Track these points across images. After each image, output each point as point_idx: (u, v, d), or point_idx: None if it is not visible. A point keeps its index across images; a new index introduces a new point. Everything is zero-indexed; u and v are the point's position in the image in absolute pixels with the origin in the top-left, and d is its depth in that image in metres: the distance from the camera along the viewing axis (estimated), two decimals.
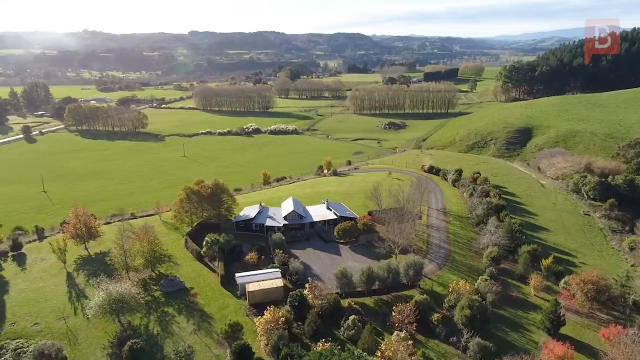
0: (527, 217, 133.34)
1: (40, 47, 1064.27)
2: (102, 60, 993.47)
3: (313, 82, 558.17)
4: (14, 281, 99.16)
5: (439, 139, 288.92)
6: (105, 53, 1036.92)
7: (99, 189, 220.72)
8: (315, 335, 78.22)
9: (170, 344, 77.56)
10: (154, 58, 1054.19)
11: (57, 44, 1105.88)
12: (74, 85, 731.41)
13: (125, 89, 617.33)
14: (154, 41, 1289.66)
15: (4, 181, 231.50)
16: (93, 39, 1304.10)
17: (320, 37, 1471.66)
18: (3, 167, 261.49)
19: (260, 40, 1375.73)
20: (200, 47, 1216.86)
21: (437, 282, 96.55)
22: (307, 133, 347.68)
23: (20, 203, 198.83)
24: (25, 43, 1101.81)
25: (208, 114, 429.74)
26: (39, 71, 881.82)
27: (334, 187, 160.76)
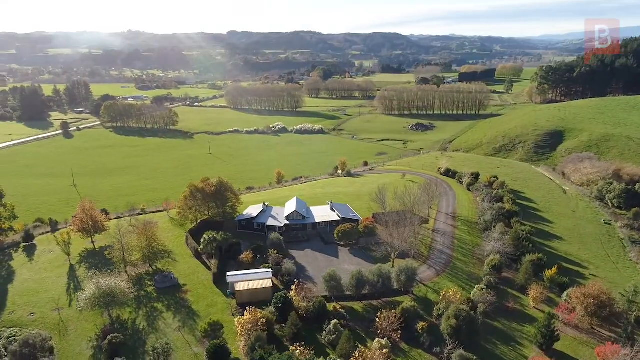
0: (540, 224, 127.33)
1: (87, 47, 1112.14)
2: (143, 60, 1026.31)
3: (344, 82, 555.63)
4: (20, 271, 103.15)
5: (466, 141, 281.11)
6: (147, 52, 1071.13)
7: (125, 184, 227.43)
8: (296, 338, 77.10)
9: (153, 340, 78.40)
10: (192, 57, 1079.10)
11: (103, 43, 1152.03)
12: (116, 83, 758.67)
13: (162, 87, 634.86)
14: (194, 41, 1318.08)
15: (39, 174, 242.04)
16: (136, 38, 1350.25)
17: (357, 37, 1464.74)
18: (40, 161, 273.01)
19: (296, 40, 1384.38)
20: (238, 47, 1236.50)
21: (432, 289, 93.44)
22: (332, 133, 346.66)
23: (51, 196, 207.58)
24: (73, 43, 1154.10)
25: (238, 113, 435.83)
26: (85, 70, 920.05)
27: (344, 188, 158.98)
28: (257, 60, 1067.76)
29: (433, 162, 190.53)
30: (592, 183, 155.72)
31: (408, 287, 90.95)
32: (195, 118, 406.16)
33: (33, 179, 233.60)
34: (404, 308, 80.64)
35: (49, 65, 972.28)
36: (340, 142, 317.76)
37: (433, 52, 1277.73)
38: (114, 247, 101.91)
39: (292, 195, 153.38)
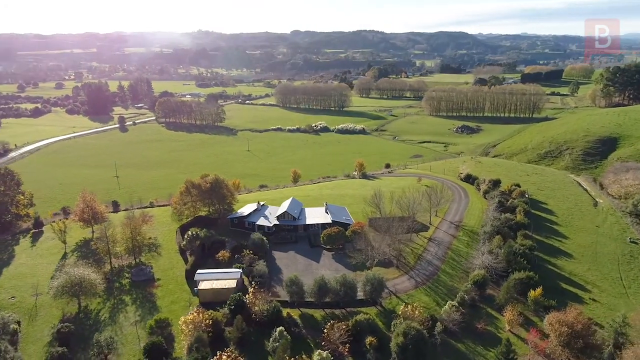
0: (552, 238, 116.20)
1: (159, 46, 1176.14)
2: (209, 58, 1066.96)
3: (395, 81, 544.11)
4: (19, 256, 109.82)
5: (510, 146, 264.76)
6: (213, 51, 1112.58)
7: (162, 177, 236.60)
8: (242, 342, 75.59)
9: (108, 332, 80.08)
10: (255, 56, 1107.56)
11: (174, 42, 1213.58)
12: (182, 80, 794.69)
13: (220, 85, 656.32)
14: (258, 40, 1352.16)
15: (88, 165, 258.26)
16: (205, 38, 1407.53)
17: (420, 35, 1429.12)
18: (92, 152, 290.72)
19: (358, 39, 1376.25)
20: (300, 46, 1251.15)
21: (404, 302, 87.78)
22: (374, 133, 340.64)
23: (93, 185, 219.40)
24: (147, 42, 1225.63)
25: (285, 111, 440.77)
26: (155, 67, 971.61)
27: (354, 190, 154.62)
28: (317, 59, 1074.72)
29: (459, 166, 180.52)
30: (630, 196, 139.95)
31: (376, 297, 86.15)
32: (243, 115, 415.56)
33: (82, 169, 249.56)
34: (357, 320, 76.26)
35: (124, 63, 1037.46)
36: (378, 142, 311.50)
37: (501, 51, 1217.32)
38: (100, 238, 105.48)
39: (299, 195, 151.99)
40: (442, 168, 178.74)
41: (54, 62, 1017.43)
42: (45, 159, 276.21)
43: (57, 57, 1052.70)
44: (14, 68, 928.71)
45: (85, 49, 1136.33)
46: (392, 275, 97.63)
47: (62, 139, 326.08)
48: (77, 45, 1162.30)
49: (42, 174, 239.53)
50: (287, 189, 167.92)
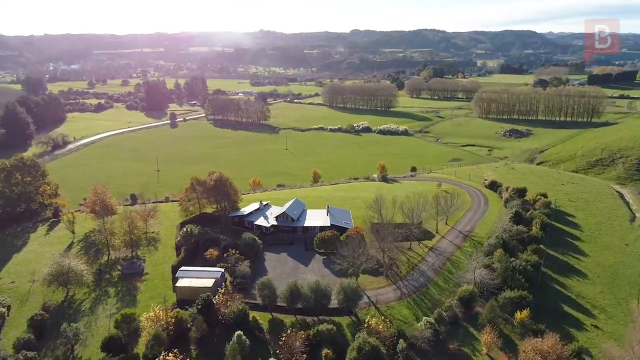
0: (569, 255, 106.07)
1: (221, 46, 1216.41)
2: (268, 57, 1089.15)
3: (447, 82, 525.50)
4: (31, 243, 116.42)
5: (558, 152, 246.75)
6: (272, 51, 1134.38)
7: (199, 172, 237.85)
8: (203, 343, 75.07)
9: (84, 322, 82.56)
10: (312, 56, 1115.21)
11: (235, 42, 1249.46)
12: (240, 79, 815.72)
13: (273, 84, 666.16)
14: (317, 40, 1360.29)
15: (134, 158, 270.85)
16: (265, 37, 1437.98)
17: (484, 34, 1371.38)
18: (141, 146, 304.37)
19: (418, 38, 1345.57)
20: (358, 46, 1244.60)
21: (383, 314, 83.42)
22: (417, 135, 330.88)
23: (135, 178, 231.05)
24: (210, 42, 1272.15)
25: (332, 110, 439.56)
26: (216, 66, 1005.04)
27: (368, 193, 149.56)
28: (374, 58, 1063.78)
29: (489, 172, 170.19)
30: None
31: (351, 307, 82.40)
32: (288, 114, 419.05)
33: (128, 162, 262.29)
34: (318, 330, 73.18)
35: (188, 62, 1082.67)
36: (419, 144, 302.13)
37: (572, 51, 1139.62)
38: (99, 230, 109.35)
39: (311, 195, 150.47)
40: (467, 173, 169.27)
41: (125, 61, 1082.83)
42: (98, 151, 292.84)
43: (128, 55, 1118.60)
44: (90, 66, 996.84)
45: (154, 48, 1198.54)
46: (378, 284, 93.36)
47: (116, 133, 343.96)
48: (147, 45, 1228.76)
49: (92, 166, 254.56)
50: (303, 189, 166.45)
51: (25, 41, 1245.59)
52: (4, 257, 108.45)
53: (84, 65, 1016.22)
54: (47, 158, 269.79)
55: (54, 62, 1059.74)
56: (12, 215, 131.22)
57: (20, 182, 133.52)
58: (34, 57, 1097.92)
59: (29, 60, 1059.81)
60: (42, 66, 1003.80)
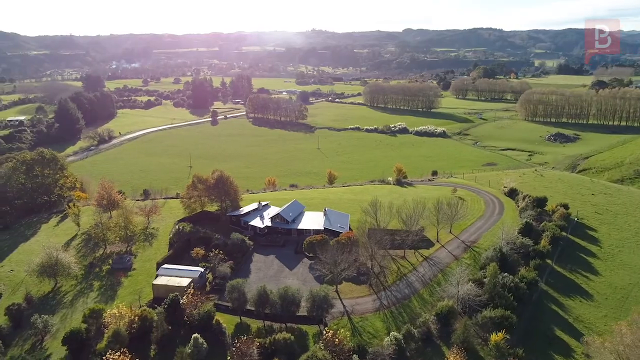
0: (577, 273, 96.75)
1: (273, 45, 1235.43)
2: (318, 57, 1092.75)
3: (495, 82, 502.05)
4: (40, 233, 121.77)
5: (605, 159, 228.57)
6: (322, 50, 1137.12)
7: (230, 169, 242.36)
8: (164, 343, 74.61)
9: (61, 315, 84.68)
10: (362, 55, 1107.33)
11: (287, 41, 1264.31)
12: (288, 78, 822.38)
13: (318, 83, 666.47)
14: (368, 39, 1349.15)
15: (170, 154, 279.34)
16: (316, 37, 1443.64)
17: (544, 33, 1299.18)
18: (179, 142, 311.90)
19: (472, 37, 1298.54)
20: (410, 45, 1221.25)
21: (354, 325, 79.51)
22: (455, 137, 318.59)
23: (167, 173, 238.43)
24: (263, 41, 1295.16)
25: (371, 110, 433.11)
26: (266, 65, 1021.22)
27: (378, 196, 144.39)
28: (425, 58, 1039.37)
29: (513, 178, 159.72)
30: None
31: (320, 315, 79.08)
32: (327, 113, 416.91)
33: (164, 157, 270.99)
34: (274, 339, 70.58)
35: (240, 61, 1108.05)
36: (455, 147, 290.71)
37: None
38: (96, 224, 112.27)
39: (319, 197, 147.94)
40: (488, 179, 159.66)
41: (181, 60, 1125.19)
42: (139, 146, 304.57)
43: (184, 55, 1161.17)
44: (149, 65, 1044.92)
45: (209, 47, 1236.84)
46: (359, 293, 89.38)
47: (158, 129, 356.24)
48: (202, 44, 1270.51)
49: (129, 160, 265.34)
50: (313, 190, 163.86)
51: (93, 41, 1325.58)
52: (12, 246, 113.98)
53: (144, 63, 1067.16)
54: (92, 152, 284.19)
55: (116, 61, 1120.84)
56: (31, 206, 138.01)
57: (40, 174, 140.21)
58: (100, 56, 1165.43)
59: (95, 58, 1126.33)
60: (106, 64, 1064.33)
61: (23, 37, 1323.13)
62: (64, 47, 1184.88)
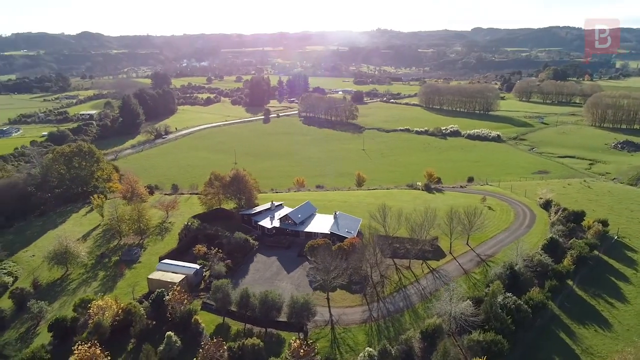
0: (600, 299, 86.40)
1: (336, 44, 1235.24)
2: (381, 56, 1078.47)
3: (562, 85, 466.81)
4: (68, 222, 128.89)
5: None
6: (386, 49, 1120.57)
7: (271, 167, 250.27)
8: (143, 338, 75.43)
9: (63, 300, 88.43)
10: (426, 55, 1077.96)
11: (351, 41, 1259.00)
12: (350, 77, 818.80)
13: (376, 83, 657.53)
14: (434, 38, 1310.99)
15: (219, 150, 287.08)
16: (381, 36, 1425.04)
17: (629, 32, 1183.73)
18: (228, 139, 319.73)
19: (547, 36, 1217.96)
20: (478, 44, 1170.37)
21: (336, 336, 76.05)
22: (509, 142, 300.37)
23: (211, 169, 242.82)
24: (327, 41, 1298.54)
25: (424, 112, 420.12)
26: (328, 64, 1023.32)
27: (401, 202, 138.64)
28: (493, 58, 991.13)
29: (553, 188, 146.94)
30: None
31: (300, 322, 76.40)
32: (378, 114, 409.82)
33: (213, 153, 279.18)
34: (243, 344, 68.85)
35: (304, 60, 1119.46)
36: (507, 152, 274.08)
37: None
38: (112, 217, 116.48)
39: (341, 199, 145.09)
40: (525, 189, 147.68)
41: (247, 59, 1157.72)
42: (191, 142, 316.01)
43: (250, 54, 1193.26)
44: (216, 63, 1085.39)
45: (274, 47, 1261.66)
46: (350, 302, 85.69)
47: (212, 126, 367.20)
48: (268, 44, 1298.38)
49: (179, 155, 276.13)
50: (336, 192, 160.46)
51: (167, 40, 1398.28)
52: (41, 232, 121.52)
53: (212, 62, 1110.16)
54: (148, 146, 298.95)
55: (187, 59, 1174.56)
56: (68, 195, 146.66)
57: (78, 166, 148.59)
58: (172, 55, 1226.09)
59: (167, 57, 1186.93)
60: (177, 63, 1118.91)
61: (106, 37, 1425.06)
62: (141, 46, 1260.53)
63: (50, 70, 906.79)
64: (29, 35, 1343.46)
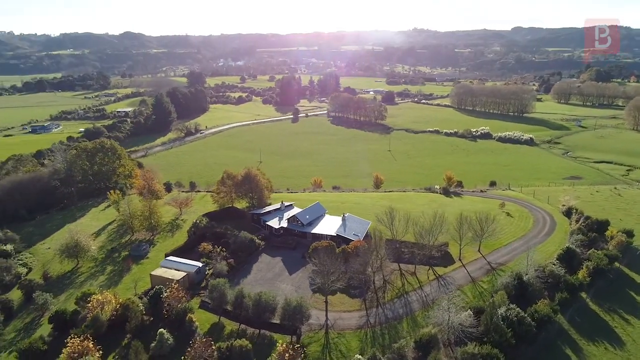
0: (615, 314, 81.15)
1: (371, 44, 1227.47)
2: (416, 56, 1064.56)
3: (604, 87, 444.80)
4: (87, 216, 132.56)
5: None
6: (421, 49, 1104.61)
7: (294, 167, 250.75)
8: (138, 333, 76.18)
9: (70, 292, 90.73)
10: (463, 55, 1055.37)
11: (386, 41, 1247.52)
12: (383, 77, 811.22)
13: (409, 83, 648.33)
14: (472, 38, 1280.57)
15: (246, 149, 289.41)
16: (417, 36, 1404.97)
17: None
18: (256, 138, 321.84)
19: None
20: (518, 44, 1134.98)
21: (329, 341, 74.55)
22: (543, 145, 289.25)
23: (236, 167, 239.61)
24: (362, 40, 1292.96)
25: (456, 113, 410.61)
26: (362, 64, 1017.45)
27: (413, 205, 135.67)
28: (533, 58, 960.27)
29: (580, 195, 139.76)
30: None
31: (293, 325, 75.33)
32: (408, 114, 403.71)
33: (239, 152, 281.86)
34: (231, 345, 68.36)
35: (338, 60, 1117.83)
36: (539, 156, 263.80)
37: None
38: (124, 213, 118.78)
39: (354, 201, 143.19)
40: (547, 195, 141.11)
41: (282, 58, 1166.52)
42: (219, 140, 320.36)
43: (285, 53, 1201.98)
44: (252, 63, 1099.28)
45: (309, 46, 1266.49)
46: (349, 306, 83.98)
47: (241, 125, 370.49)
48: (303, 44, 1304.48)
49: (206, 153, 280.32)
50: (353, 193, 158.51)
51: (205, 40, 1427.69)
52: (60, 225, 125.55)
53: (247, 62, 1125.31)
54: (177, 143, 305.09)
55: (224, 59, 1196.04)
56: (90, 190, 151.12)
57: (100, 162, 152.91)
58: (209, 54, 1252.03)
59: (205, 56, 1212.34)
60: (214, 62, 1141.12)
61: (147, 37, 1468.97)
62: (179, 46, 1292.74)
63: (93, 68, 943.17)
64: (76, 35, 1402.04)
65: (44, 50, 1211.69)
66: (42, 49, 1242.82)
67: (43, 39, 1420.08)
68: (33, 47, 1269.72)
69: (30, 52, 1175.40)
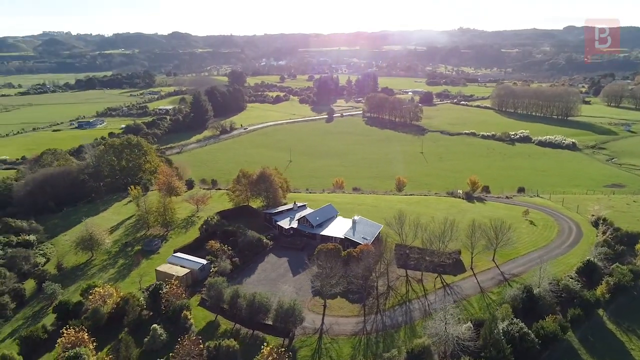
0: (632, 336, 74.75)
1: (414, 44, 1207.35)
2: (460, 56, 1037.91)
3: None
4: (109, 210, 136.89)
5: None
6: (466, 49, 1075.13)
7: (323, 166, 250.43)
8: (136, 328, 77.38)
9: (79, 284, 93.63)
10: (510, 55, 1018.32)
11: (430, 40, 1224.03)
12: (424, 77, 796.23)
13: (450, 84, 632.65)
14: (520, 38, 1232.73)
15: (277, 147, 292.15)
16: (462, 36, 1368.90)
17: None
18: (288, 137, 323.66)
19: None
20: (569, 44, 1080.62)
21: (321, 346, 73.00)
22: (585, 151, 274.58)
23: (265, 165, 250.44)
24: (405, 40, 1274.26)
25: (495, 115, 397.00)
26: (404, 64, 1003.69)
27: (432, 209, 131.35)
28: (586, 59, 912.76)
29: (614, 205, 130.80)
30: None
31: (285, 327, 74.26)
32: (445, 116, 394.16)
33: (270, 151, 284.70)
34: (219, 344, 68.02)
35: (379, 59, 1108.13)
36: (580, 162, 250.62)
37: None
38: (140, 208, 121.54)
39: (372, 203, 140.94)
40: (577, 204, 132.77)
41: (323, 58, 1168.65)
42: (253, 138, 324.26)
43: (327, 53, 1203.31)
44: (293, 62, 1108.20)
45: (351, 46, 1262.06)
46: (347, 312, 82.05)
47: (276, 124, 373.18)
48: (345, 43, 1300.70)
49: (238, 151, 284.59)
50: (372, 195, 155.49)
51: (249, 40, 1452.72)
52: (82, 218, 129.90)
53: (289, 61, 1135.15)
54: (212, 140, 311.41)
55: (266, 58, 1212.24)
56: (117, 185, 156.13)
57: (127, 158, 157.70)
58: (252, 54, 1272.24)
59: (248, 56, 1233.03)
60: (257, 62, 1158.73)
61: (193, 37, 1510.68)
62: (224, 46, 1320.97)
63: (141, 67, 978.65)
64: (127, 35, 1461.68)
65: (98, 49, 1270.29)
66: (96, 48, 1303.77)
67: (97, 39, 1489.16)
68: (88, 47, 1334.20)
69: (85, 52, 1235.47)
